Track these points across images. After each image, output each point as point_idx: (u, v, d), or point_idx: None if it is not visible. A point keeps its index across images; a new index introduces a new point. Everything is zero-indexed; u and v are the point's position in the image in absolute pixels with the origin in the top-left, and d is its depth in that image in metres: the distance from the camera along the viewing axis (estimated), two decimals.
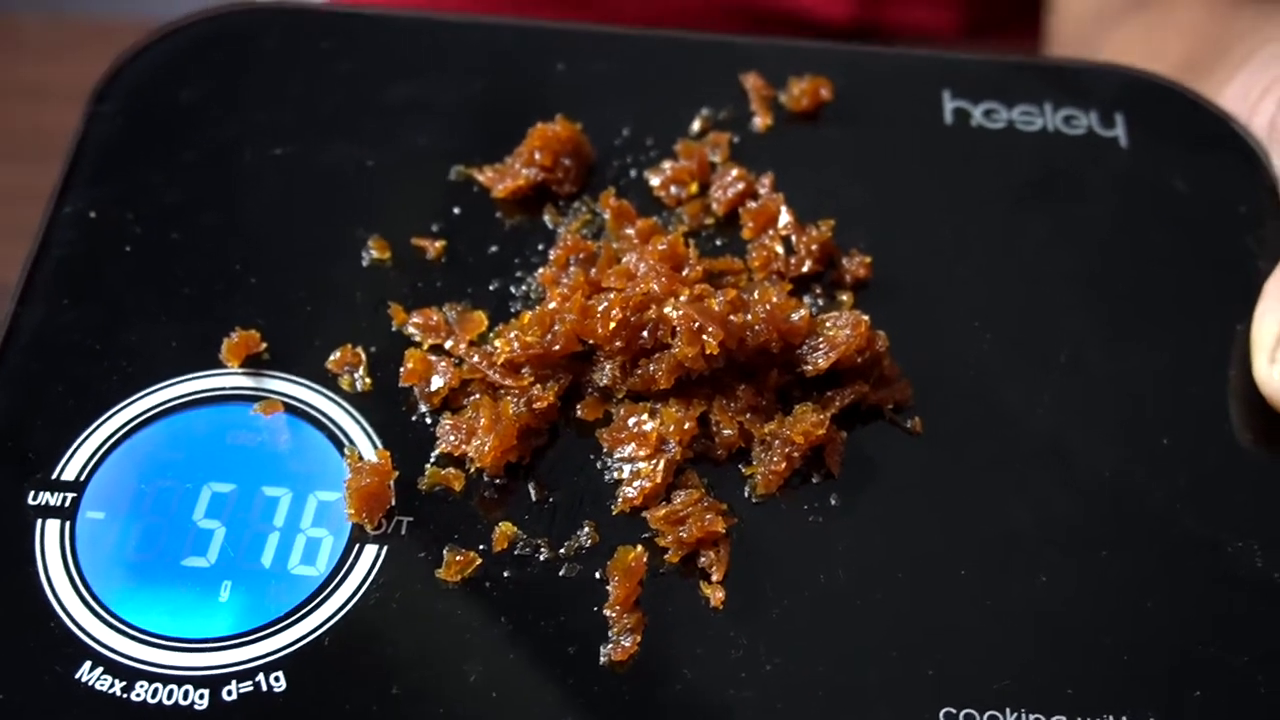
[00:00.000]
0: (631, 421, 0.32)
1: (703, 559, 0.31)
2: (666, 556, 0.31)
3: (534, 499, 0.32)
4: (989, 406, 0.34)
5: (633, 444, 0.32)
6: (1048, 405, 0.34)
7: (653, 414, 0.32)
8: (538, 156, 0.36)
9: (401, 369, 0.33)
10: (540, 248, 0.36)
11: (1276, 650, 0.30)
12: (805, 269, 0.35)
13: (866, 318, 0.33)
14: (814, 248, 0.35)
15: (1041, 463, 0.33)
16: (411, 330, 0.34)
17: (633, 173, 0.37)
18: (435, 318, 0.34)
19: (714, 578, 0.30)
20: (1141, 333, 0.35)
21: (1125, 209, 0.38)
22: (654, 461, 0.32)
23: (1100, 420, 0.34)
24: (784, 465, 0.32)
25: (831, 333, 0.33)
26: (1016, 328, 0.35)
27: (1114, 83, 0.40)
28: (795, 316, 0.33)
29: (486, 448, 0.31)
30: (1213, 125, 0.39)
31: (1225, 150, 0.39)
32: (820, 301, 0.35)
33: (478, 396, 0.33)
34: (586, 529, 0.31)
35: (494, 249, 0.36)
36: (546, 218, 0.36)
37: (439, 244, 0.35)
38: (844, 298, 0.35)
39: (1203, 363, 0.35)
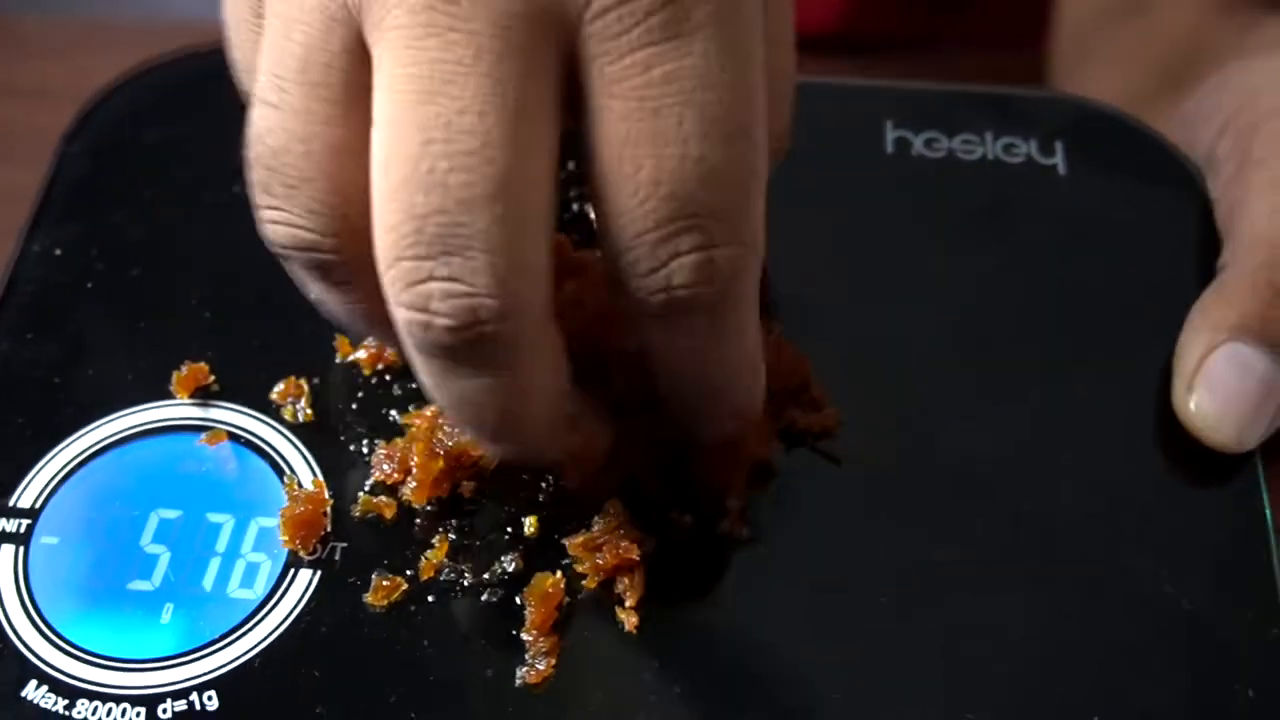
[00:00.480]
0: None
1: (619, 585, 0.32)
2: (584, 583, 0.32)
3: (462, 526, 0.33)
4: (916, 435, 0.35)
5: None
6: (974, 433, 0.35)
7: None
8: None
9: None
10: None
11: (1177, 675, 0.31)
12: None
13: (791, 345, 0.34)
14: None
15: (962, 491, 0.34)
16: (359, 355, 0.35)
17: (575, 206, 0.38)
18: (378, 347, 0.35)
19: (628, 603, 0.32)
20: (1072, 360, 0.36)
21: (1062, 236, 0.39)
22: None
23: (1025, 448, 0.34)
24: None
25: None
26: (949, 356, 0.36)
27: (1054, 111, 0.41)
28: None
29: (416, 486, 0.33)
30: (1151, 152, 0.40)
31: (1163, 177, 0.39)
32: None
33: (415, 425, 0.34)
34: (510, 556, 0.32)
35: None
36: None
37: None
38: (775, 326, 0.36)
39: (1131, 391, 0.36)
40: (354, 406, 0.35)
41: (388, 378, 0.35)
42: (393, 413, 0.35)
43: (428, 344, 0.26)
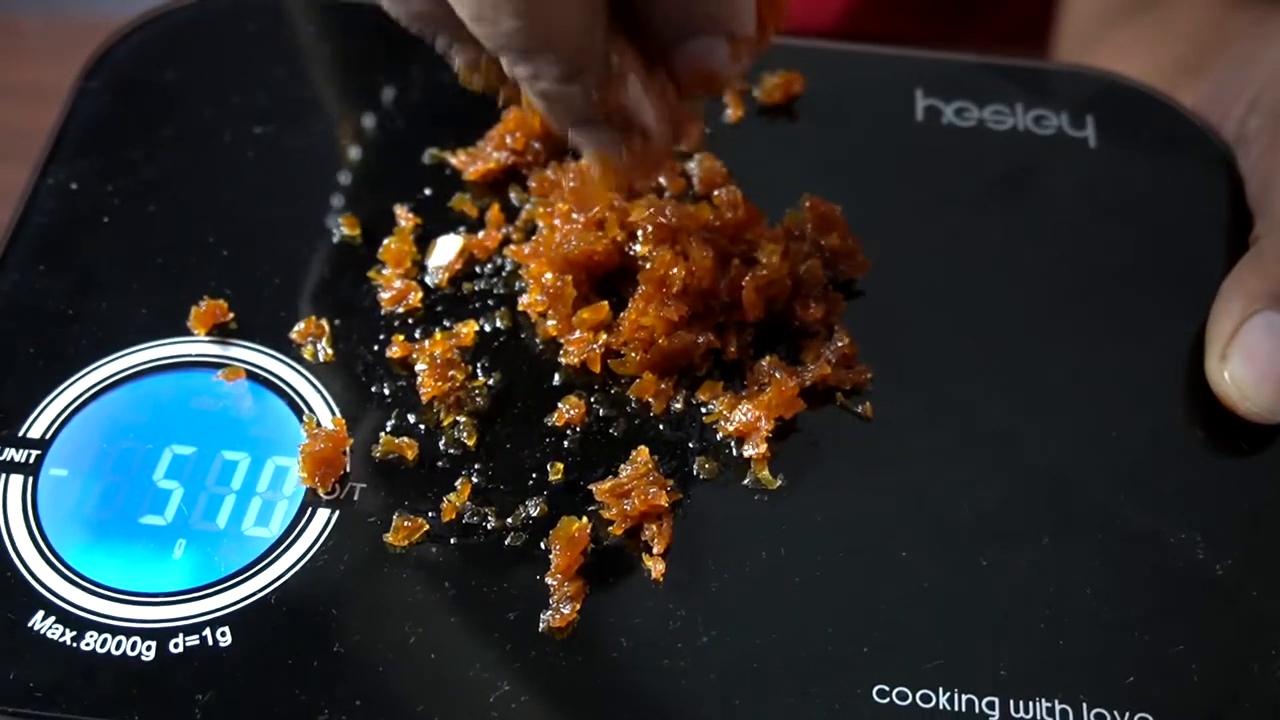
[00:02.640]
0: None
1: (646, 532, 0.31)
2: (611, 529, 0.31)
3: (486, 469, 0.32)
4: (942, 396, 0.34)
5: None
6: (1001, 397, 0.34)
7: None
8: (510, 140, 0.37)
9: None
10: (506, 230, 0.36)
11: (1210, 639, 0.30)
12: None
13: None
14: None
15: (989, 452, 0.33)
16: (384, 295, 0.35)
17: None
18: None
19: (655, 550, 0.31)
20: (1100, 329, 0.36)
21: (1091, 208, 0.38)
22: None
23: (1053, 414, 0.34)
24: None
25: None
26: (977, 321, 0.36)
27: (1086, 85, 0.40)
28: None
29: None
30: (1181, 128, 0.40)
31: (1193, 152, 0.39)
32: None
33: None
34: (535, 500, 0.32)
35: (462, 229, 0.36)
36: (513, 195, 0.37)
37: (408, 222, 0.36)
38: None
39: (1159, 359, 0.35)
40: (375, 348, 0.34)
41: (410, 320, 0.35)
42: (414, 355, 0.34)
43: None
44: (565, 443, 0.33)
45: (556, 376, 0.34)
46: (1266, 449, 0.33)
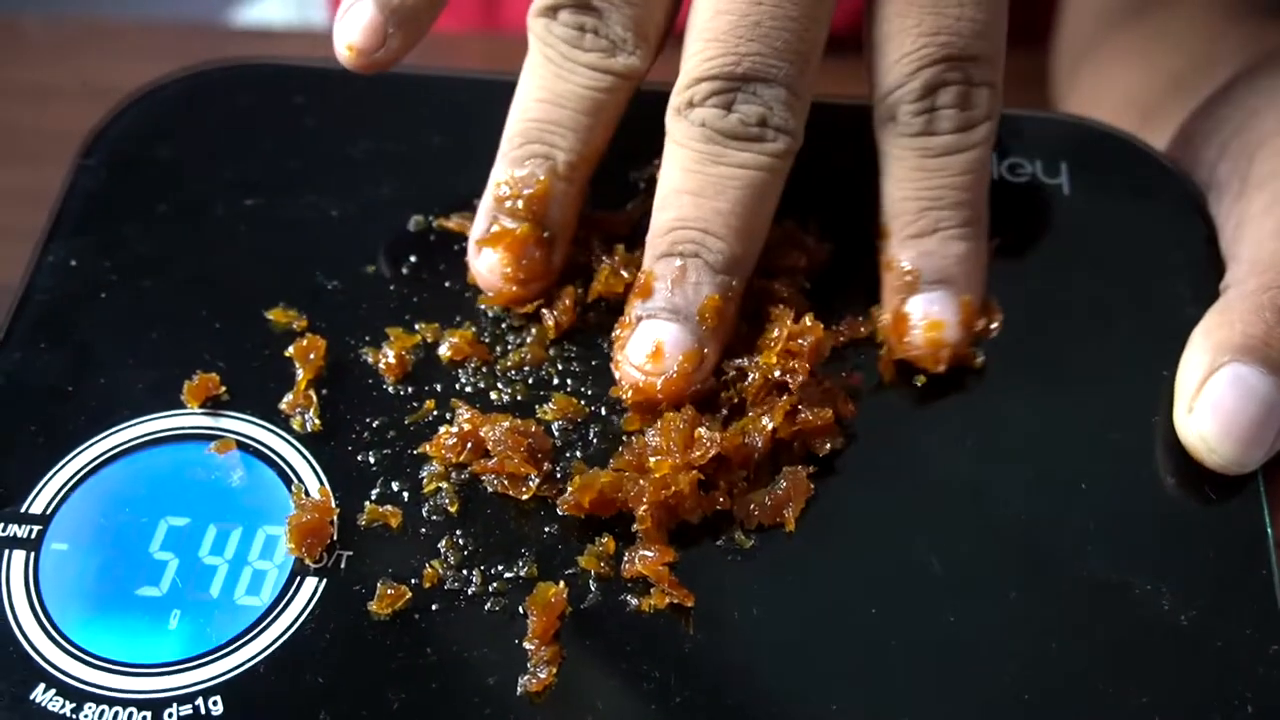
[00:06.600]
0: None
1: (622, 596, 0.32)
2: (590, 594, 0.32)
3: (467, 535, 0.33)
4: (916, 447, 0.35)
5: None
6: (969, 447, 0.35)
7: None
8: None
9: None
10: None
11: (1175, 690, 0.31)
12: None
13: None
14: None
15: (957, 504, 0.34)
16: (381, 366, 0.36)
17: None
18: None
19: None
20: (1073, 377, 0.36)
21: (1064, 254, 0.39)
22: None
23: (1021, 463, 0.35)
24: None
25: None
26: (953, 371, 0.36)
27: (1059, 131, 0.41)
28: None
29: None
30: (1155, 173, 0.40)
31: (1165, 197, 0.40)
32: None
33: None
34: (514, 565, 0.33)
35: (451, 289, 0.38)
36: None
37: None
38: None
39: (1129, 408, 0.36)
40: (363, 418, 0.35)
41: (390, 389, 0.36)
42: (405, 419, 0.35)
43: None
44: (543, 510, 0.34)
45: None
46: (1233, 499, 0.34)
